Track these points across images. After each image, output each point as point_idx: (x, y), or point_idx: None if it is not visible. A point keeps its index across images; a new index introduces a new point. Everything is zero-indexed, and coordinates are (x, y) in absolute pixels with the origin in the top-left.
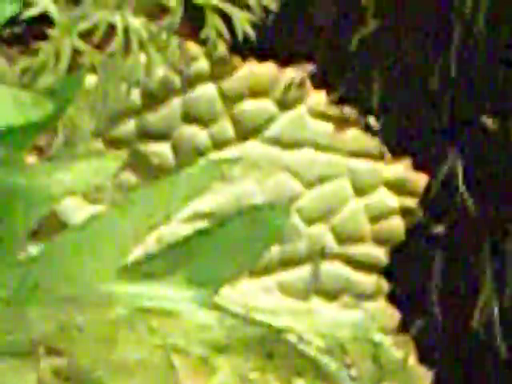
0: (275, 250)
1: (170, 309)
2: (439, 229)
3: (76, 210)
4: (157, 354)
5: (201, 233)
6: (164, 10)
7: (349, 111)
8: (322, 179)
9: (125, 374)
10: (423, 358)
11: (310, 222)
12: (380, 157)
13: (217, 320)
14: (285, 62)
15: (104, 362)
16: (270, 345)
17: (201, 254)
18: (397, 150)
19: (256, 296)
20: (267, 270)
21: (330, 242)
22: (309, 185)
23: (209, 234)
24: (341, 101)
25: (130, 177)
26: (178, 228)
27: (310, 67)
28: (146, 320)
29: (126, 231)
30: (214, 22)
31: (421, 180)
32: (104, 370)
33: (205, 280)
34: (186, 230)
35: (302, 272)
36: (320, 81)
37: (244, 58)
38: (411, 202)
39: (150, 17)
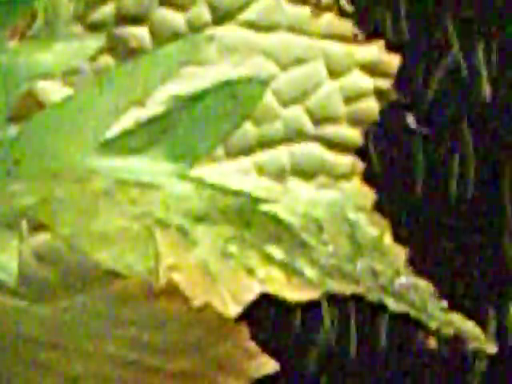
0: (252, 132)
1: (150, 181)
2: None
3: (54, 92)
4: (137, 224)
5: (177, 108)
6: None
7: None
8: (297, 62)
9: (105, 243)
10: (398, 237)
11: (285, 103)
12: (354, 39)
13: (195, 191)
14: None
15: (85, 232)
16: (247, 214)
17: (178, 129)
18: (370, 32)
19: (233, 177)
20: (244, 152)
21: (306, 123)
22: (284, 67)
23: (185, 109)
24: None
25: (108, 60)
26: (155, 110)
27: None
28: (126, 192)
29: (105, 108)
30: None
31: (394, 61)
32: (85, 239)
33: (182, 153)
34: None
35: (279, 153)
36: None
37: None
38: (385, 84)
39: None
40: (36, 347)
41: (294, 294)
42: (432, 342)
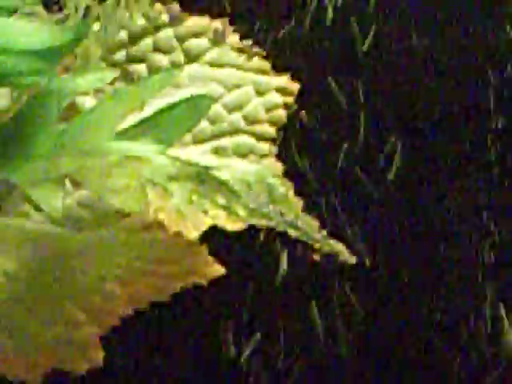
0: (209, 128)
1: (144, 156)
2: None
3: (87, 103)
4: (135, 182)
5: (160, 112)
6: None
7: (253, 47)
8: (236, 86)
9: (113, 194)
10: (299, 192)
11: (229, 111)
12: (271, 73)
13: (170, 163)
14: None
15: (105, 187)
16: (203, 177)
17: (160, 124)
18: (281, 69)
19: (196, 155)
20: (204, 140)
21: (241, 123)
22: (230, 89)
23: (165, 113)
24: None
25: (120, 84)
26: (147, 113)
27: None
28: (130, 162)
29: (116, 111)
30: None
31: (295, 86)
32: (105, 192)
33: (163, 139)
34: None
35: (225, 141)
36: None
37: (190, 13)
38: (289, 100)
39: None
40: (73, 270)
41: (232, 225)
42: (316, 257)
